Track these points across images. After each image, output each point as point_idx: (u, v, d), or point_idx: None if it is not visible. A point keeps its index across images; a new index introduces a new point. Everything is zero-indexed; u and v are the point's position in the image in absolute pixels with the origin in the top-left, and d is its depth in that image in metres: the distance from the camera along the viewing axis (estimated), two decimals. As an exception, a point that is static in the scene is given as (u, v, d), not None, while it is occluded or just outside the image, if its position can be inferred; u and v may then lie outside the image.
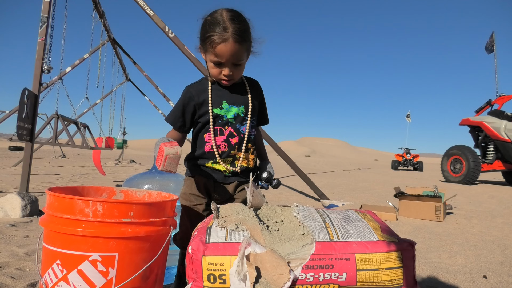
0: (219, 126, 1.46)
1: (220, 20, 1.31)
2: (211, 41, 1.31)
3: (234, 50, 1.32)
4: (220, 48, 1.31)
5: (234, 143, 1.48)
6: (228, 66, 1.37)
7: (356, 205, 4.64)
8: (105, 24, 7.74)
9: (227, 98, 1.48)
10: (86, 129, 6.27)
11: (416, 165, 19.61)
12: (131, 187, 1.87)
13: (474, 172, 9.13)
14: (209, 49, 1.33)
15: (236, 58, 1.35)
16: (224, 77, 1.40)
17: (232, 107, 1.48)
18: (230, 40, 1.30)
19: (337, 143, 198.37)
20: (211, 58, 1.35)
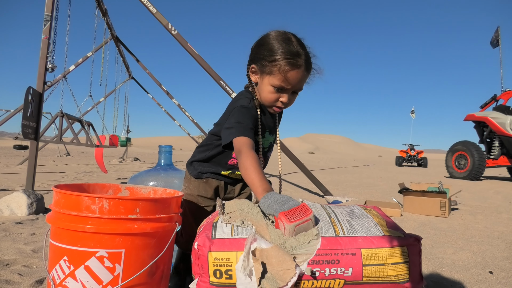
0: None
1: (292, 44, 1.24)
2: (282, 64, 1.21)
3: (304, 77, 1.27)
4: (292, 74, 1.23)
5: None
6: (289, 93, 1.29)
7: (360, 201, 4.63)
8: (108, 22, 7.76)
9: (268, 127, 1.44)
10: (91, 127, 6.30)
11: (420, 161, 19.54)
12: (136, 184, 1.88)
13: (479, 168, 9.09)
14: (276, 73, 1.23)
15: (300, 86, 1.30)
16: (280, 105, 1.32)
17: (269, 137, 1.47)
18: (303, 68, 1.24)
19: (341, 140, 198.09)
20: (275, 83, 1.25)
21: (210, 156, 1.51)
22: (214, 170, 1.50)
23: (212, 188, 1.52)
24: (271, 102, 1.31)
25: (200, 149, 1.56)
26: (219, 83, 4.71)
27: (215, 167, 1.50)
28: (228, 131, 1.26)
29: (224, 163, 1.48)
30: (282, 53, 1.21)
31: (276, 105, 1.32)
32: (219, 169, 1.49)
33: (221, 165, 1.49)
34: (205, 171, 1.51)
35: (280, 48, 1.22)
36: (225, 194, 1.55)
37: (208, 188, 1.52)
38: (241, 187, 1.56)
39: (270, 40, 1.26)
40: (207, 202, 1.52)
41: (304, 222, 0.94)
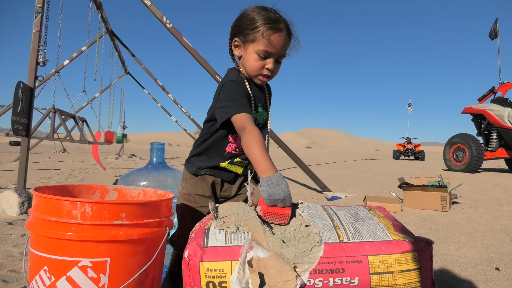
0: None
1: (271, 12, 1.28)
2: (264, 29, 1.24)
3: (287, 41, 1.29)
4: (275, 37, 1.25)
5: None
6: (274, 59, 1.30)
7: (359, 196, 4.56)
8: (103, 15, 7.60)
9: (260, 101, 1.41)
10: (84, 123, 6.18)
11: (418, 155, 19.54)
12: (126, 184, 1.79)
13: (477, 160, 9.05)
14: (259, 38, 1.25)
15: (283, 52, 1.30)
16: (266, 72, 1.31)
17: (263, 112, 1.42)
18: (285, 32, 1.27)
19: (338, 134, 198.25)
20: (259, 48, 1.26)
21: (207, 147, 1.43)
22: (212, 164, 1.42)
23: (208, 185, 1.43)
24: (257, 70, 1.30)
25: (196, 143, 1.49)
26: (215, 77, 4.60)
27: (213, 160, 1.42)
28: (223, 110, 1.23)
29: (222, 152, 1.41)
30: (263, 19, 1.24)
31: (262, 73, 1.31)
32: (218, 160, 1.41)
33: (219, 154, 1.41)
34: (203, 166, 1.43)
35: (260, 16, 1.25)
36: (221, 192, 1.46)
37: (205, 186, 1.44)
38: (238, 187, 1.48)
39: (249, 12, 1.29)
40: (205, 201, 1.44)
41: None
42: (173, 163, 12.58)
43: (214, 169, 1.42)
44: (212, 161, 1.42)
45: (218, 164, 1.41)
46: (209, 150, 1.43)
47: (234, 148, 1.40)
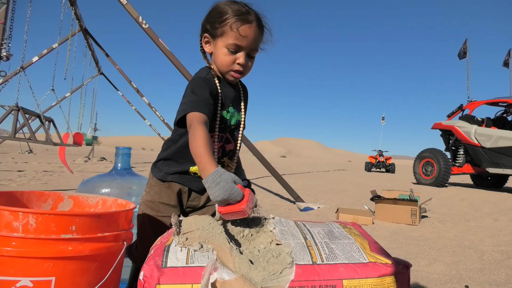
0: (221, 132, 1.30)
1: (240, 4, 1.22)
2: (233, 21, 1.18)
3: (257, 34, 1.22)
4: (244, 29, 1.18)
5: (229, 150, 1.34)
6: (244, 53, 1.22)
7: (332, 208, 4.55)
8: (77, 12, 7.32)
9: (232, 101, 1.32)
10: (51, 123, 5.88)
11: (389, 167, 20.02)
12: (87, 190, 1.66)
13: (444, 175, 9.33)
14: (228, 31, 1.19)
15: (255, 45, 1.23)
16: (237, 67, 1.24)
17: (235, 112, 1.33)
18: (255, 24, 1.21)
19: (312, 144, 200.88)
20: (229, 42, 1.20)
21: (176, 150, 1.33)
22: (181, 169, 1.32)
23: (174, 193, 1.33)
24: (228, 65, 1.24)
25: (164, 146, 1.38)
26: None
27: (182, 164, 1.32)
28: (181, 107, 1.17)
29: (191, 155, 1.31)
30: (232, 11, 1.19)
31: (233, 68, 1.24)
32: (187, 165, 1.31)
33: (188, 159, 1.30)
34: (170, 171, 1.32)
35: (229, 9, 1.20)
36: (188, 201, 1.36)
37: (171, 194, 1.33)
38: (208, 197, 1.37)
39: (218, 6, 1.24)
40: (170, 211, 1.33)
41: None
42: (145, 168, 12.23)
43: (182, 176, 1.32)
44: (181, 166, 1.32)
45: (187, 169, 1.31)
46: (178, 154, 1.33)
47: None
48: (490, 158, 8.69)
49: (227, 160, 1.34)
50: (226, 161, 1.34)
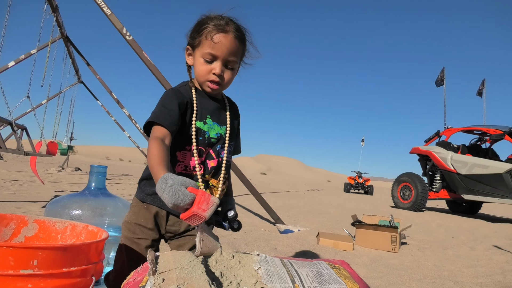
0: (200, 146, 1.23)
1: (222, 17, 1.23)
2: (209, 30, 1.19)
3: (233, 45, 1.20)
4: (219, 37, 1.18)
5: (211, 167, 1.25)
6: (220, 63, 1.21)
7: (312, 231, 4.48)
8: (58, 19, 7.16)
9: (212, 113, 1.27)
10: (24, 131, 5.63)
11: (367, 189, 20.25)
12: (56, 211, 1.54)
13: (422, 199, 9.47)
14: (204, 41, 1.20)
15: (231, 56, 1.21)
16: (213, 77, 1.21)
17: (215, 125, 1.27)
18: (231, 34, 1.20)
19: (292, 162, 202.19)
20: (204, 51, 1.20)
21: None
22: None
23: (152, 215, 1.24)
24: (204, 75, 1.23)
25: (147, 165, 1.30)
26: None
27: None
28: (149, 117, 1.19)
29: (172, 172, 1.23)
30: (209, 22, 1.20)
31: (209, 78, 1.23)
32: None
33: None
34: (150, 192, 1.23)
35: (208, 20, 1.22)
36: (166, 226, 1.26)
37: (148, 216, 1.24)
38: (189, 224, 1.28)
39: (200, 18, 1.25)
40: (145, 234, 1.23)
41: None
42: (122, 180, 11.89)
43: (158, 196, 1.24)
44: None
45: None
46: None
47: (184, 168, 1.22)
48: (465, 185, 8.89)
49: (211, 179, 1.26)
50: (210, 180, 1.26)
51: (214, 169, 1.26)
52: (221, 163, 1.28)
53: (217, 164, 1.27)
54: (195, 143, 1.21)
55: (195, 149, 1.21)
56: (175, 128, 1.15)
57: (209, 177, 1.25)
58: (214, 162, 1.26)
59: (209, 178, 1.25)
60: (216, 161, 1.26)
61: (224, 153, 1.28)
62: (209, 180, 1.26)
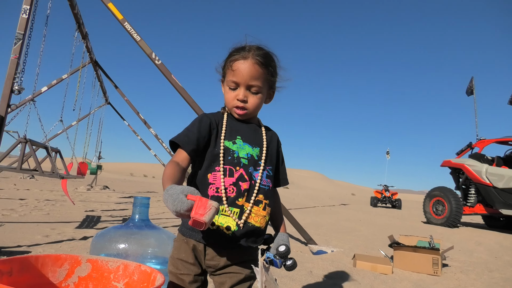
0: (229, 165, 1.20)
1: (246, 46, 1.28)
2: (231, 60, 1.26)
3: (253, 69, 1.23)
4: (238, 64, 1.24)
5: (244, 189, 1.19)
6: (243, 88, 1.25)
7: (346, 251, 4.35)
8: (88, 45, 7.45)
9: (242, 134, 1.28)
10: (58, 154, 5.80)
11: (395, 203, 19.66)
12: (102, 244, 1.53)
13: (456, 215, 9.07)
14: (227, 70, 1.27)
15: (253, 80, 1.24)
16: (237, 103, 1.26)
17: (246, 145, 1.25)
18: (250, 60, 1.24)
19: (315, 175, 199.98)
20: (228, 79, 1.27)
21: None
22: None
23: (191, 249, 1.20)
24: (230, 101, 1.28)
25: None
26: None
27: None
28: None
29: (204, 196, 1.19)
30: (233, 52, 1.28)
31: (234, 104, 1.27)
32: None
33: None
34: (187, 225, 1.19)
35: (232, 51, 1.29)
36: (205, 260, 1.20)
37: (188, 250, 1.20)
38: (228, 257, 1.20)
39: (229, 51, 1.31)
40: (187, 269, 1.19)
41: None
42: (148, 195, 12.05)
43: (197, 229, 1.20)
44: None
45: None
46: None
47: (215, 190, 1.18)
48: (503, 199, 8.47)
49: (245, 202, 1.20)
50: (243, 203, 1.20)
51: (247, 192, 1.21)
52: (254, 186, 1.22)
53: (250, 187, 1.21)
54: (222, 161, 1.20)
55: (221, 168, 1.19)
56: (192, 148, 1.20)
57: (243, 200, 1.20)
58: (247, 184, 1.21)
59: (243, 202, 1.20)
60: (249, 184, 1.21)
61: (258, 176, 1.23)
62: (244, 204, 1.21)
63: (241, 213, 1.18)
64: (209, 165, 1.21)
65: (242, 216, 1.17)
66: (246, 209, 1.19)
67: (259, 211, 1.22)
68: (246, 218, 1.18)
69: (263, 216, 1.22)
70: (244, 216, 1.18)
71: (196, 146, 1.21)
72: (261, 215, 1.22)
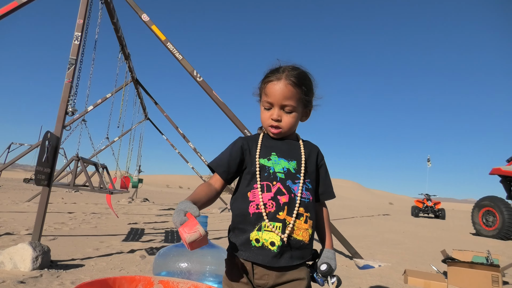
0: (266, 181, 1.22)
1: (280, 67, 1.32)
2: (265, 81, 1.31)
3: (285, 90, 1.27)
4: (271, 85, 1.28)
5: (283, 202, 1.19)
6: (277, 108, 1.29)
7: (394, 266, 4.19)
8: (130, 65, 7.81)
9: (277, 150, 1.31)
10: (105, 170, 6.07)
11: (438, 213, 18.75)
12: (165, 262, 1.58)
13: (509, 226, 8.50)
14: (263, 90, 1.32)
15: (286, 100, 1.27)
16: (272, 122, 1.30)
17: (281, 160, 1.27)
18: (283, 80, 1.27)
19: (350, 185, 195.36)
20: (262, 100, 1.32)
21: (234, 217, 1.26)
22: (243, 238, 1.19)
23: (239, 268, 1.20)
24: (265, 121, 1.33)
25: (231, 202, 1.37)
26: (243, 132, 4.49)
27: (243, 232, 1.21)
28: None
29: (247, 217, 1.20)
30: (268, 73, 1.32)
31: (269, 124, 1.31)
32: (246, 228, 1.20)
33: (246, 222, 1.20)
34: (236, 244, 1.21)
35: (268, 72, 1.33)
36: (254, 279, 1.19)
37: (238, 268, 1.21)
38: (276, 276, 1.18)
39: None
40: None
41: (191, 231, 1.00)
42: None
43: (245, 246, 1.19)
44: (242, 235, 1.20)
45: (248, 237, 1.18)
46: (237, 219, 1.23)
47: (256, 207, 1.19)
48: (560, 209, 7.86)
49: (286, 215, 1.19)
50: (284, 217, 1.19)
51: (287, 205, 1.20)
52: (294, 199, 1.21)
53: (289, 200, 1.20)
54: (259, 178, 1.22)
55: (259, 185, 1.21)
56: (223, 169, 1.28)
57: (284, 214, 1.19)
58: (286, 197, 1.20)
59: (284, 216, 1.19)
60: (288, 197, 1.20)
61: (297, 189, 1.23)
62: (285, 218, 1.19)
63: (284, 227, 1.17)
64: (248, 184, 1.25)
65: (285, 230, 1.17)
66: (288, 223, 1.18)
67: (300, 224, 1.20)
68: (289, 232, 1.17)
69: (305, 229, 1.21)
70: (287, 230, 1.17)
71: (227, 168, 1.28)
72: (303, 228, 1.20)
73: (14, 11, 4.19)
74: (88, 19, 4.20)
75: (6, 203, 9.83)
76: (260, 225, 1.17)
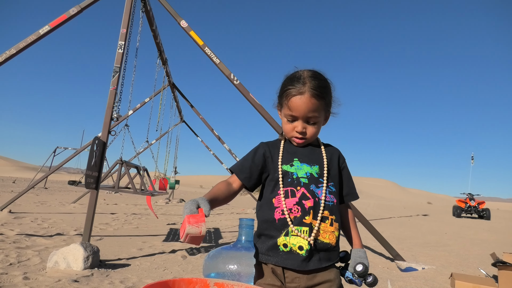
0: (290, 187, 1.23)
1: (300, 76, 1.28)
2: (287, 94, 1.26)
3: (310, 104, 1.24)
4: (295, 100, 1.24)
5: (308, 206, 1.20)
6: (301, 121, 1.27)
7: (438, 269, 4.05)
8: (167, 70, 8.05)
9: (299, 156, 1.31)
10: (145, 172, 6.30)
11: (482, 213, 17.81)
12: (215, 265, 1.63)
13: None
14: (284, 102, 1.27)
15: (310, 113, 1.26)
16: (296, 134, 1.28)
17: (304, 165, 1.28)
18: (307, 94, 1.24)
19: (386, 184, 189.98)
20: (285, 112, 1.28)
21: (260, 224, 1.27)
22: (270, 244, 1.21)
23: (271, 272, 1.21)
24: (289, 132, 1.31)
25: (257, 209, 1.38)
26: (280, 133, 4.51)
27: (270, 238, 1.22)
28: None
29: (273, 223, 1.21)
30: (287, 83, 1.27)
31: (293, 135, 1.30)
32: (273, 233, 1.21)
33: (273, 228, 1.21)
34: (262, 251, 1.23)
35: (288, 81, 1.28)
36: (285, 283, 1.20)
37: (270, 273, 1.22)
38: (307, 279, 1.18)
39: (283, 79, 1.33)
40: None
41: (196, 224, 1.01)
42: (222, 210, 12.48)
43: (273, 252, 1.20)
44: (270, 240, 1.21)
45: (276, 243, 1.19)
46: (263, 226, 1.24)
47: (281, 213, 1.20)
48: None
49: (312, 219, 1.19)
50: (310, 221, 1.19)
51: (312, 209, 1.20)
52: (319, 203, 1.22)
53: (314, 204, 1.21)
54: (282, 184, 1.23)
55: (282, 191, 1.22)
56: (244, 176, 1.29)
57: (310, 218, 1.20)
58: (310, 202, 1.21)
59: (310, 220, 1.20)
60: (313, 201, 1.21)
61: (321, 193, 1.23)
62: (312, 222, 1.20)
63: (310, 231, 1.18)
64: (272, 190, 1.26)
65: (312, 234, 1.18)
66: (314, 227, 1.19)
67: (326, 227, 1.21)
68: (315, 236, 1.18)
69: (331, 231, 1.22)
70: (313, 233, 1.18)
71: (249, 174, 1.29)
72: (329, 231, 1.21)
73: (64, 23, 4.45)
74: (130, 28, 4.38)
75: (54, 205, 10.41)
76: (287, 230, 1.19)
